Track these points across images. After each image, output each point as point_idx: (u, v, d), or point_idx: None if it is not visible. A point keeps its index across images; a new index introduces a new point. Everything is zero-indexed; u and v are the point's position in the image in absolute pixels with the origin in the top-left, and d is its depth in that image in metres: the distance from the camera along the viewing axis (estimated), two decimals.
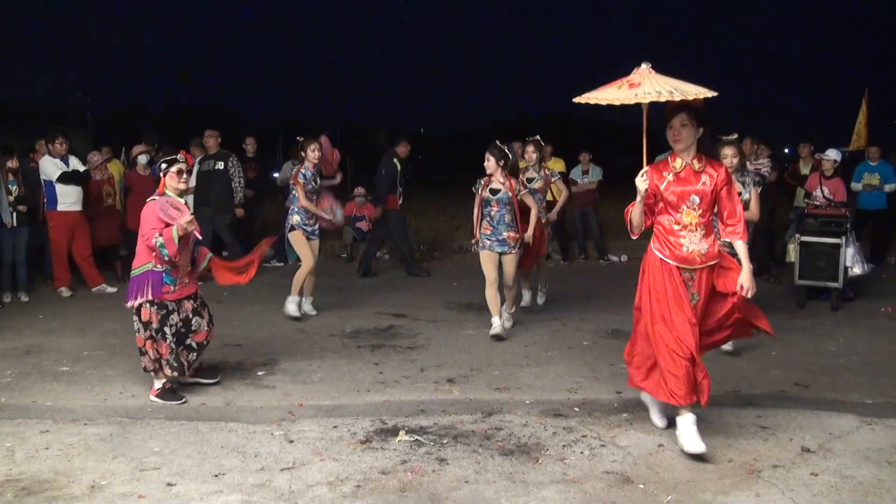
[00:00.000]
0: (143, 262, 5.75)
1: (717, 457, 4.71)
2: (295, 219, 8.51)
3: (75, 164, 9.92)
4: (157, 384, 5.83)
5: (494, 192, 7.64)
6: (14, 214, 9.37)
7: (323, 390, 6.11)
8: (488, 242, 7.69)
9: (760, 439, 5.01)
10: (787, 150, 26.54)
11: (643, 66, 4.80)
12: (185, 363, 5.91)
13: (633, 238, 5.00)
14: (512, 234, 7.69)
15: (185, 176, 5.87)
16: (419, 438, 5.04)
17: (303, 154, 8.52)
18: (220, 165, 11.12)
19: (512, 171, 7.78)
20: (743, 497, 4.19)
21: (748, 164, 10.70)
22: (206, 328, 6.02)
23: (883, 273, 11.33)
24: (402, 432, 5.13)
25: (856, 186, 11.56)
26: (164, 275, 5.74)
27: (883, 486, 4.33)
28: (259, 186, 12.60)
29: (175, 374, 5.83)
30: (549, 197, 9.03)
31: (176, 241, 5.57)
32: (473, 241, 7.96)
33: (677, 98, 4.57)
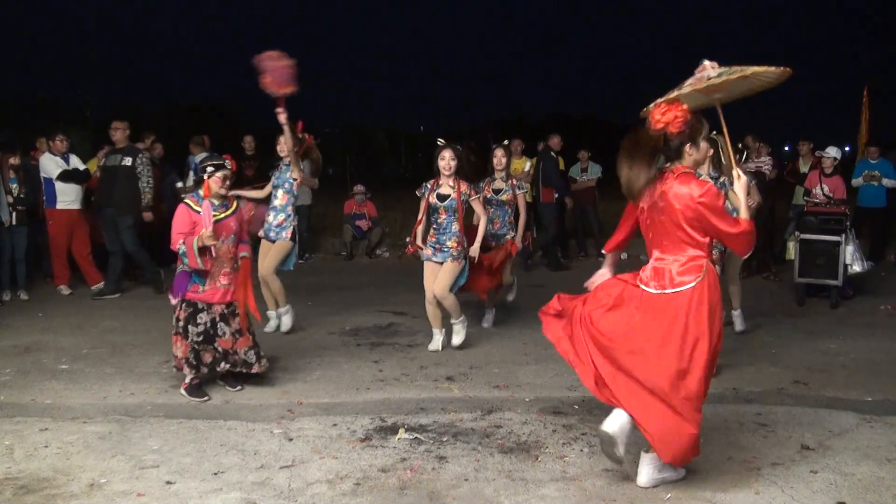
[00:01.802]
0: (179, 261, 5.83)
1: (716, 454, 4.70)
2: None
3: (75, 162, 9.90)
4: (187, 378, 5.88)
5: (442, 197, 7.07)
6: (13, 213, 9.35)
7: (322, 388, 6.10)
8: (430, 251, 7.13)
9: (760, 437, 5.01)
10: (786, 148, 26.56)
11: (706, 62, 4.42)
12: (207, 364, 5.86)
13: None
14: (457, 243, 7.06)
15: (228, 182, 5.86)
16: (419, 436, 5.03)
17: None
18: (128, 161, 9.74)
19: (464, 172, 7.19)
20: (742, 495, 4.18)
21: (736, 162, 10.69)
22: (230, 337, 5.90)
23: (882, 271, 11.32)
24: (401, 430, 5.12)
25: (856, 182, 11.55)
26: (193, 274, 5.76)
27: (882, 484, 4.32)
28: (258, 185, 12.57)
29: (192, 371, 5.83)
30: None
31: (196, 252, 5.61)
32: (409, 241, 7.50)
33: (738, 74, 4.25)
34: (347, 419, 5.36)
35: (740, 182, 4.35)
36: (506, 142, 8.23)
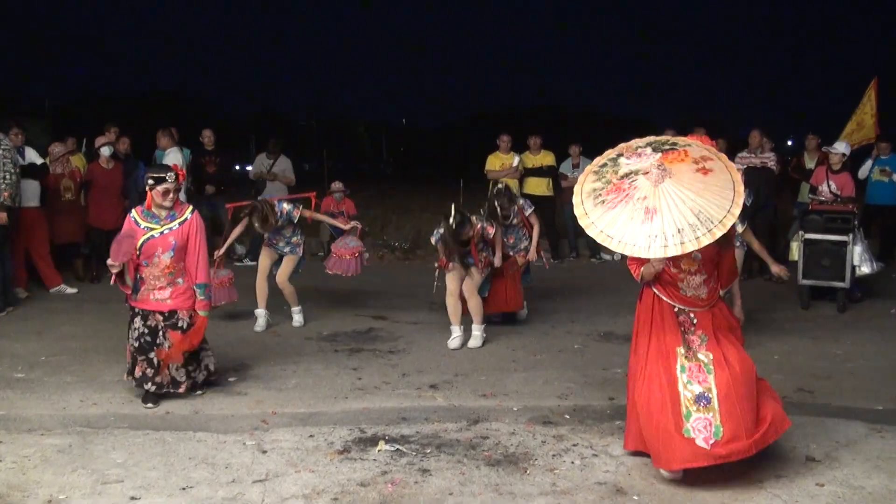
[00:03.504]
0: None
1: (715, 468, 4.70)
2: None
3: (32, 156, 9.84)
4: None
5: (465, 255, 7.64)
6: None
7: (298, 397, 6.09)
8: (455, 263, 7.64)
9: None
10: (790, 143, 26.73)
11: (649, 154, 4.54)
12: (143, 374, 5.84)
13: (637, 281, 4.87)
14: (485, 257, 7.76)
15: (171, 195, 5.86)
16: (400, 448, 5.03)
17: None
18: None
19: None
20: None
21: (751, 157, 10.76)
22: (166, 348, 5.88)
23: (893, 272, 11.37)
24: (382, 442, 5.13)
25: (863, 172, 11.62)
26: (134, 282, 5.86)
27: (894, 497, 4.36)
28: (220, 182, 12.50)
29: (129, 378, 5.91)
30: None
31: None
32: (438, 266, 7.92)
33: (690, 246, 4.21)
34: (325, 430, 5.36)
35: None
36: (500, 185, 8.71)
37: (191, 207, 6.11)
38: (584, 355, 7.31)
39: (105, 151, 10.84)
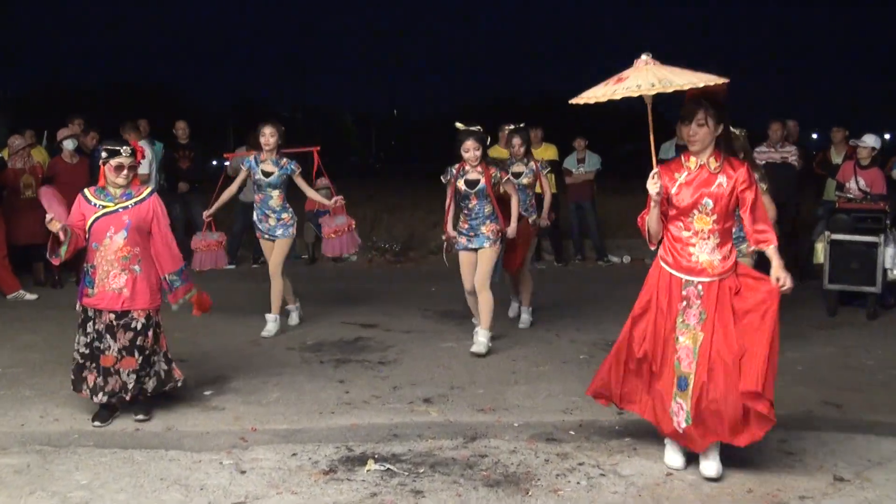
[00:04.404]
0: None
1: (735, 487, 4.72)
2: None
3: None
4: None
5: (472, 183, 7.68)
6: None
7: (280, 412, 6.07)
8: (465, 240, 7.77)
9: (785, 466, 5.03)
10: (814, 136, 26.78)
11: (643, 56, 4.83)
12: (90, 388, 5.79)
13: (651, 248, 5.08)
14: (492, 227, 7.73)
15: (125, 171, 5.78)
16: (391, 468, 5.02)
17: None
18: None
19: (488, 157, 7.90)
20: None
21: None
22: (115, 355, 5.78)
23: None
24: (371, 461, 5.11)
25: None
26: (86, 276, 5.82)
27: None
28: (195, 178, 12.49)
29: (73, 389, 5.87)
30: (536, 188, 9.00)
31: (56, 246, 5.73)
32: (445, 238, 8.07)
33: (655, 90, 4.63)
34: (309, 448, 5.34)
35: None
36: (521, 124, 9.05)
37: (151, 188, 6.06)
38: (591, 366, 7.29)
39: (68, 145, 10.83)
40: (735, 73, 4.73)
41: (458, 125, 7.88)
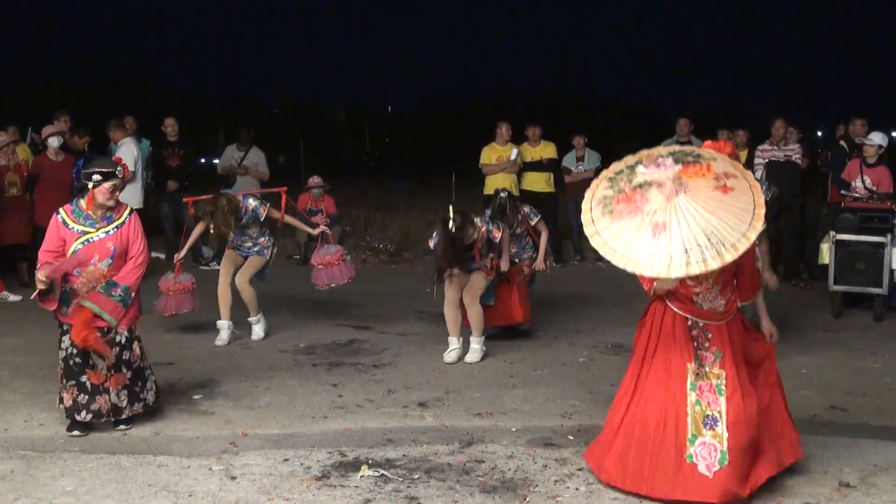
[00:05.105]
0: None
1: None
2: None
3: None
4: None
5: (492, 243, 7.73)
6: None
7: (271, 417, 6.08)
8: (455, 270, 7.63)
9: (790, 472, 5.02)
10: (819, 133, 26.78)
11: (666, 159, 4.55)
12: (73, 402, 5.68)
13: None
14: (490, 258, 7.73)
15: (116, 193, 5.73)
16: (385, 473, 5.02)
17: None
18: None
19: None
20: None
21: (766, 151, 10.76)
22: (104, 371, 5.71)
23: None
24: (364, 466, 5.11)
25: None
26: (64, 293, 5.66)
27: None
28: (184, 177, 12.46)
29: (61, 406, 5.74)
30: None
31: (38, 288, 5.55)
32: (436, 274, 7.77)
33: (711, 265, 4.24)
34: (301, 453, 5.34)
35: None
36: (503, 193, 8.62)
37: (129, 208, 5.92)
38: (591, 369, 7.31)
39: (53, 142, 10.77)
40: (738, 63, 4.64)
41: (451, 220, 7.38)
